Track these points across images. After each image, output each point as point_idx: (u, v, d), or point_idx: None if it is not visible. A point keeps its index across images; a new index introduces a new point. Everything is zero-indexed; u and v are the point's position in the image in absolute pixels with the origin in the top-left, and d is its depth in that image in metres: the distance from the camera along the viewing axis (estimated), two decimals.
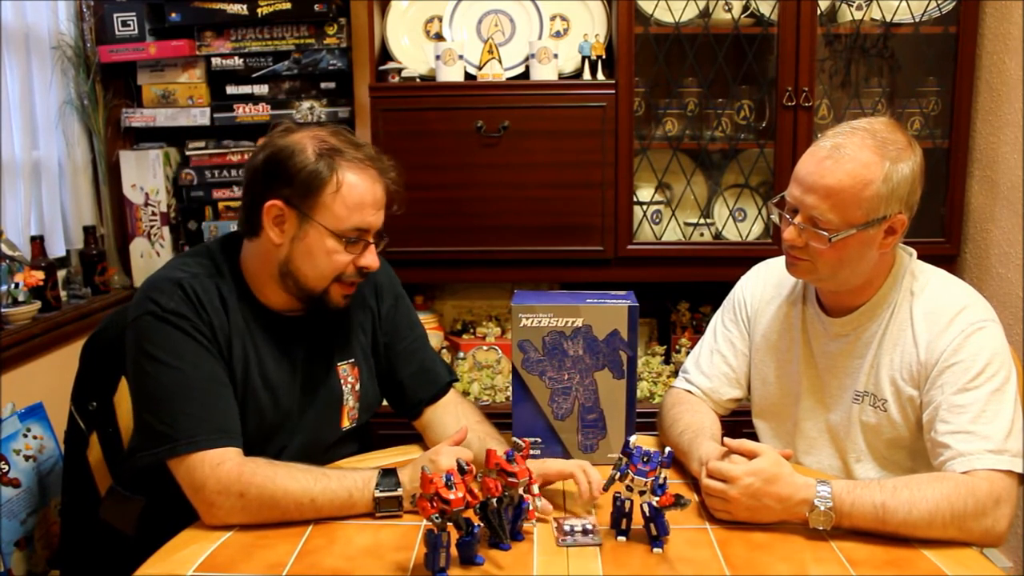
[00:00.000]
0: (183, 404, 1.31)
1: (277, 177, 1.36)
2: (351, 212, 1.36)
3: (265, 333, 1.44)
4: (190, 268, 1.41)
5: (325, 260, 1.38)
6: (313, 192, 1.35)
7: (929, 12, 2.39)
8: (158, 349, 1.33)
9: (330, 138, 1.39)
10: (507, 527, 1.21)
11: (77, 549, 1.73)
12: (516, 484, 1.19)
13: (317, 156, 1.35)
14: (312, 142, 1.37)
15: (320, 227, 1.36)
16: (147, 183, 2.63)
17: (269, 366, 1.43)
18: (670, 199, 2.57)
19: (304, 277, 1.40)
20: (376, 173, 1.39)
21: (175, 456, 1.29)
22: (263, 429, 1.42)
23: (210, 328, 1.36)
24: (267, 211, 1.37)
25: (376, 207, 1.39)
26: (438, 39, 2.56)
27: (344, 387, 1.52)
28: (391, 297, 1.61)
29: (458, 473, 1.14)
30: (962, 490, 1.22)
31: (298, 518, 1.29)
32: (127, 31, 2.57)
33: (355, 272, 1.41)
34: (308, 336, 1.49)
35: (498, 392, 2.52)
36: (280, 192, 1.36)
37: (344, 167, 1.36)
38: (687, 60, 2.45)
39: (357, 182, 1.36)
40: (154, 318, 1.34)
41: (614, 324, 1.45)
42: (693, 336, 2.66)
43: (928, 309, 1.39)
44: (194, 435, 1.29)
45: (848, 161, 1.32)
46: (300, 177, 1.35)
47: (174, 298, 1.35)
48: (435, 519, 1.11)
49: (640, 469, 1.20)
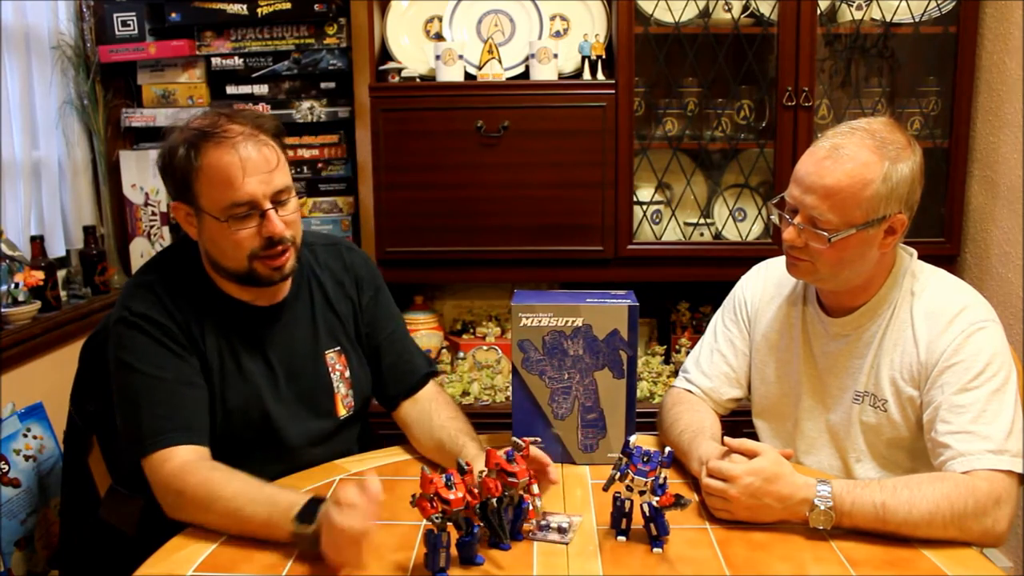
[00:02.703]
0: (149, 406, 1.35)
1: (167, 179, 1.40)
2: (222, 191, 1.34)
3: (237, 325, 1.45)
4: (157, 271, 1.44)
5: (226, 243, 1.38)
6: (188, 184, 1.37)
7: (929, 12, 2.39)
8: (127, 354, 1.37)
9: (199, 122, 1.38)
10: (507, 527, 1.21)
11: (77, 549, 1.73)
12: (516, 484, 1.19)
13: (180, 146, 1.36)
14: (181, 135, 1.37)
15: (207, 215, 1.37)
16: (147, 183, 2.63)
17: (244, 357, 1.44)
18: (670, 199, 2.57)
19: (224, 264, 1.41)
20: (243, 139, 1.34)
21: (144, 456, 1.33)
22: (249, 419, 1.43)
23: (182, 327, 1.39)
24: (176, 213, 1.42)
25: (247, 174, 1.33)
26: (438, 39, 2.56)
27: (333, 375, 1.53)
28: (371, 289, 1.61)
29: (458, 473, 1.14)
30: (962, 490, 1.22)
31: (231, 527, 1.25)
32: (127, 31, 2.57)
33: (264, 244, 1.38)
34: (284, 326, 1.49)
35: (498, 392, 2.52)
36: (175, 192, 1.40)
37: (203, 149, 1.34)
38: (687, 60, 2.45)
39: (216, 159, 1.34)
40: (124, 325, 1.38)
41: (614, 324, 1.45)
42: (693, 336, 2.66)
43: (928, 309, 1.39)
44: (158, 434, 1.33)
45: (847, 161, 1.32)
46: (176, 174, 1.37)
47: (145, 301, 1.39)
48: (435, 519, 1.11)
49: (640, 469, 1.20)
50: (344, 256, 1.60)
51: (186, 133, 1.37)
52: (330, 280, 1.56)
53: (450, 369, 2.64)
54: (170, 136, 1.40)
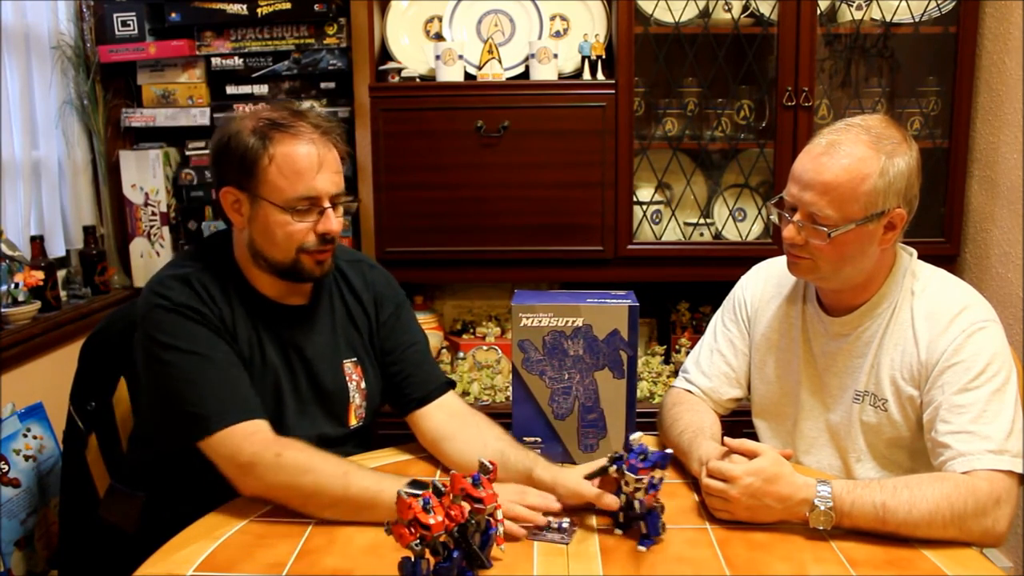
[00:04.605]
0: (208, 386, 1.33)
1: (224, 164, 1.40)
2: (291, 182, 1.36)
3: (267, 323, 1.45)
4: (190, 265, 1.43)
5: (281, 234, 1.39)
6: (252, 170, 1.37)
7: (929, 12, 2.39)
8: (173, 338, 1.35)
9: (269, 113, 1.39)
10: (481, 553, 1.14)
11: (76, 549, 1.73)
12: (483, 511, 1.12)
13: (250, 134, 1.37)
14: (249, 122, 1.38)
15: (267, 203, 1.37)
16: (147, 183, 2.63)
17: (269, 352, 1.44)
18: (670, 199, 2.57)
19: (269, 254, 1.41)
20: (317, 136, 1.38)
21: (209, 435, 1.31)
22: (268, 414, 1.42)
23: (219, 318, 1.39)
24: (224, 199, 1.41)
25: (319, 171, 1.37)
26: (438, 39, 2.56)
27: (350, 384, 1.52)
28: (391, 306, 1.61)
29: (435, 496, 1.08)
30: (962, 490, 1.22)
31: (327, 493, 1.28)
32: (127, 31, 2.57)
33: (317, 240, 1.40)
34: (309, 328, 1.50)
35: (498, 392, 2.52)
36: (229, 178, 1.39)
37: (277, 139, 1.36)
38: (687, 60, 2.45)
39: (291, 150, 1.36)
40: (164, 311, 1.36)
41: (614, 324, 1.45)
42: (693, 336, 2.66)
43: (929, 309, 1.39)
44: (224, 412, 1.32)
45: (844, 156, 1.32)
46: (240, 159, 1.37)
47: (183, 293, 1.38)
48: (414, 546, 1.06)
49: (632, 465, 1.21)
50: (366, 274, 1.61)
51: (255, 121, 1.38)
52: (351, 295, 1.57)
53: (450, 369, 2.64)
54: (229, 124, 1.40)
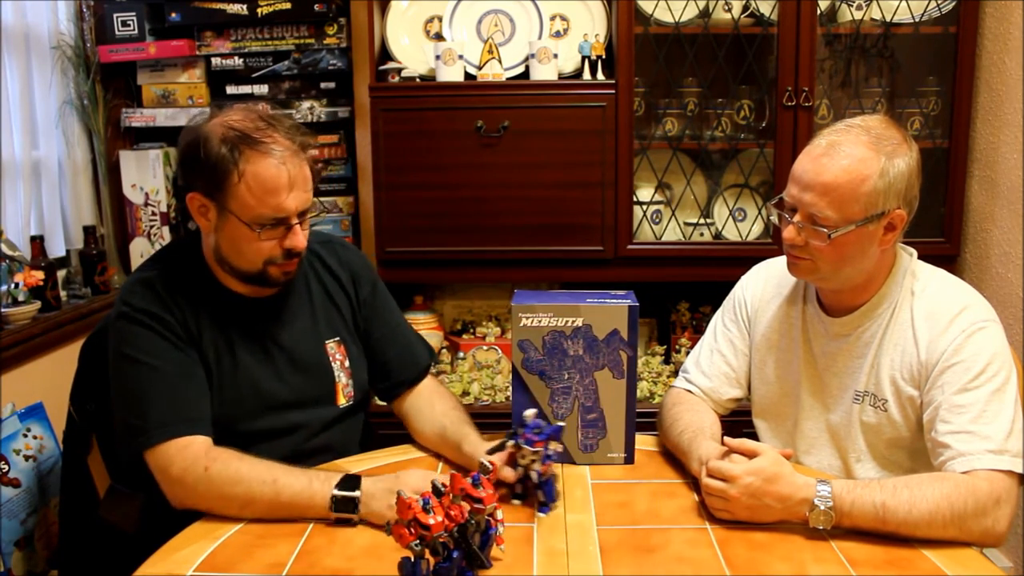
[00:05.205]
0: (154, 398, 1.35)
1: (192, 170, 1.38)
2: (260, 201, 1.35)
3: (234, 318, 1.46)
4: (158, 266, 1.45)
5: (248, 248, 1.39)
6: (221, 184, 1.35)
7: (929, 12, 2.39)
8: (130, 348, 1.38)
9: (241, 122, 1.36)
10: (481, 553, 1.14)
11: (77, 549, 1.73)
12: (483, 511, 1.13)
13: (220, 143, 1.34)
14: (220, 129, 1.35)
15: (235, 217, 1.37)
16: (147, 183, 2.63)
17: (242, 350, 1.45)
18: (670, 199, 2.57)
19: (235, 263, 1.42)
20: (288, 155, 1.35)
21: (149, 447, 1.33)
22: (247, 409, 1.44)
23: (180, 322, 1.40)
24: (190, 203, 1.40)
25: (289, 189, 1.35)
26: (438, 39, 2.56)
27: (334, 363, 1.54)
28: (368, 284, 1.63)
29: (434, 496, 1.09)
30: (962, 490, 1.22)
31: (259, 501, 1.29)
32: (127, 31, 2.57)
33: (283, 255, 1.41)
34: (285, 317, 1.51)
35: (498, 392, 2.52)
36: (197, 185, 1.38)
37: (248, 156, 1.33)
38: (687, 60, 2.45)
39: (261, 170, 1.34)
40: (126, 320, 1.39)
41: (614, 324, 1.45)
42: (693, 336, 2.66)
43: (929, 309, 1.39)
44: (164, 425, 1.34)
45: (844, 157, 1.32)
46: (210, 169, 1.35)
47: (145, 297, 1.39)
48: (414, 546, 1.06)
49: (528, 439, 1.27)
50: (339, 253, 1.62)
51: (225, 130, 1.35)
52: (327, 275, 1.58)
53: (450, 369, 2.64)
54: (199, 127, 1.37)
